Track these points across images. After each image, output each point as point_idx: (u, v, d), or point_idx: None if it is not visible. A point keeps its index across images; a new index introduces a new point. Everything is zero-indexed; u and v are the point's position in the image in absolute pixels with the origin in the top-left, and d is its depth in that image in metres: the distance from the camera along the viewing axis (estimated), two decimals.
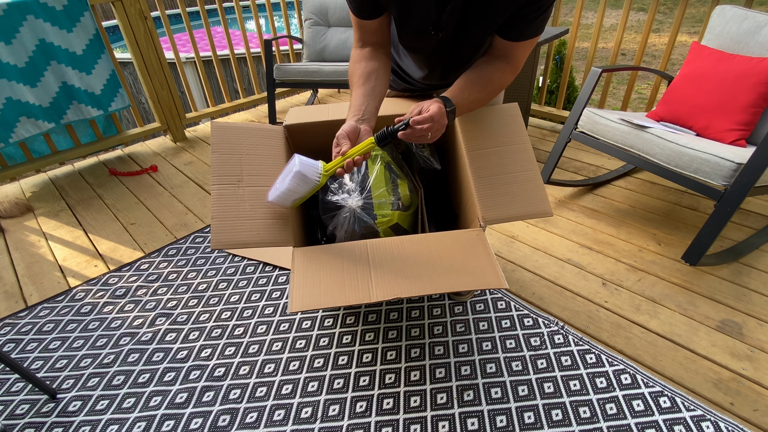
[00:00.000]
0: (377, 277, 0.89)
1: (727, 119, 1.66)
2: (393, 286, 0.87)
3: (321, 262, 0.93)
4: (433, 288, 0.87)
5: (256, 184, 1.03)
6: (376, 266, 0.91)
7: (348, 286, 0.88)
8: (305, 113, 1.24)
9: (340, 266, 0.92)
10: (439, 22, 0.94)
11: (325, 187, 1.12)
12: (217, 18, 7.44)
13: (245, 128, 1.11)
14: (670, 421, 1.06)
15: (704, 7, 8.09)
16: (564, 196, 2.01)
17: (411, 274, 0.89)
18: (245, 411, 1.13)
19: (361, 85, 1.00)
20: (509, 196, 1.03)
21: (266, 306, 1.46)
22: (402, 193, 1.10)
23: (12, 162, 2.27)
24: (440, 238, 0.98)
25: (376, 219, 1.04)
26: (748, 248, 1.63)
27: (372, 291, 0.86)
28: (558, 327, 1.33)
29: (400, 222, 1.09)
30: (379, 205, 1.05)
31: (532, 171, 1.06)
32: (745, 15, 1.74)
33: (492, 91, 1.00)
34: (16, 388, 1.22)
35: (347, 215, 1.05)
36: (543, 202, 1.02)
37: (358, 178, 1.09)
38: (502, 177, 1.06)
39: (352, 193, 1.06)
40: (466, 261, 0.92)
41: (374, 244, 0.97)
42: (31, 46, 2.05)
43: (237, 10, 2.90)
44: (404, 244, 0.97)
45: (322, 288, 0.87)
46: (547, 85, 2.85)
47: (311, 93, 3.38)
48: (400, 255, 0.94)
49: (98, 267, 1.70)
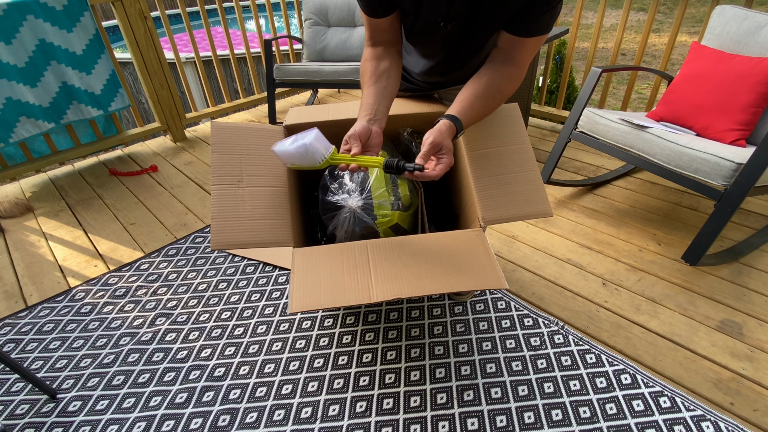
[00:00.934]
0: (377, 278, 0.89)
1: (727, 119, 1.66)
2: (393, 287, 0.87)
3: (321, 263, 0.93)
4: (433, 288, 0.87)
5: (256, 185, 1.03)
6: (376, 266, 0.91)
7: (348, 286, 0.88)
8: (305, 113, 1.24)
9: (340, 266, 0.92)
10: (449, 13, 0.94)
11: (325, 187, 1.13)
12: (217, 18, 7.44)
13: (245, 128, 1.11)
14: (670, 421, 1.06)
15: (704, 7, 8.09)
16: (564, 196, 2.01)
17: (411, 274, 0.89)
18: (245, 411, 1.13)
19: (372, 84, 1.00)
20: (509, 197, 1.03)
21: (266, 306, 1.46)
22: (402, 193, 1.10)
23: (12, 162, 2.27)
24: (440, 238, 0.98)
25: (376, 219, 1.04)
26: (748, 248, 1.63)
27: (372, 291, 0.86)
28: (558, 327, 1.33)
29: (400, 222, 1.09)
30: (379, 205, 1.05)
31: (532, 171, 1.06)
32: (745, 15, 1.74)
33: (500, 101, 1.01)
34: (16, 388, 1.22)
35: (347, 215, 1.05)
36: (543, 202, 1.02)
37: (358, 179, 1.09)
38: (502, 177, 1.06)
39: (352, 193, 1.06)
40: (467, 261, 0.92)
41: (374, 244, 0.97)
42: (31, 46, 2.05)
43: (237, 10, 2.90)
44: (404, 244, 0.96)
45: (323, 288, 0.88)
46: (547, 85, 2.85)
47: (311, 93, 3.38)
48: (401, 255, 0.94)
49: (98, 267, 1.70)
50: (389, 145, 1.21)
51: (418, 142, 1.20)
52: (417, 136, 1.21)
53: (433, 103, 1.27)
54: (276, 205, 1.02)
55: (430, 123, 1.24)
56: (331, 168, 1.17)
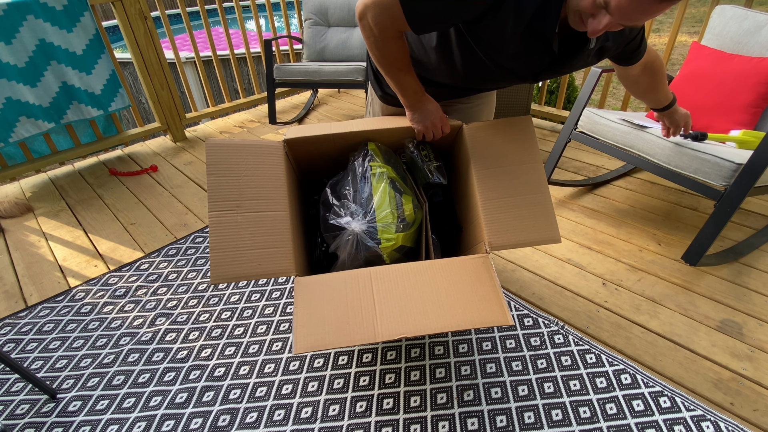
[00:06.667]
0: (382, 313, 0.87)
1: (727, 119, 1.66)
2: (398, 324, 0.85)
3: (324, 295, 0.91)
4: (438, 327, 0.85)
5: (256, 209, 0.99)
6: (381, 300, 0.89)
7: (353, 323, 0.86)
8: (306, 130, 1.18)
9: (344, 300, 0.90)
10: (539, 75, 0.96)
11: (327, 203, 1.09)
12: (217, 18, 7.44)
13: (243, 146, 1.05)
14: (670, 421, 1.06)
15: (704, 7, 8.08)
16: (564, 196, 2.01)
17: (415, 310, 0.88)
18: (245, 411, 1.13)
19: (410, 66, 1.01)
20: (517, 221, 1.00)
21: (266, 306, 1.46)
22: (407, 212, 1.07)
23: (12, 162, 2.27)
24: (445, 266, 0.95)
25: (380, 244, 1.01)
26: (748, 248, 1.63)
27: (377, 329, 0.85)
28: (558, 327, 1.33)
29: (404, 243, 1.05)
30: (383, 229, 1.02)
31: (542, 194, 1.03)
32: (745, 15, 1.74)
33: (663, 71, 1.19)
34: (16, 388, 1.22)
35: (350, 238, 1.01)
36: (552, 228, 1.00)
37: (361, 199, 1.05)
38: (510, 200, 1.02)
39: (355, 215, 1.02)
40: (472, 294, 0.90)
41: (378, 273, 0.94)
42: (31, 46, 2.05)
43: (237, 10, 2.90)
44: (409, 274, 0.94)
45: (327, 326, 0.86)
46: (547, 85, 2.85)
47: (311, 93, 3.38)
48: (405, 287, 0.91)
49: (98, 267, 1.70)
50: (393, 156, 1.18)
51: (424, 154, 1.18)
52: (423, 148, 1.18)
53: None
54: (277, 232, 0.98)
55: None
56: (332, 182, 1.14)
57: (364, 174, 1.08)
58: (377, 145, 1.18)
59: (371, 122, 1.19)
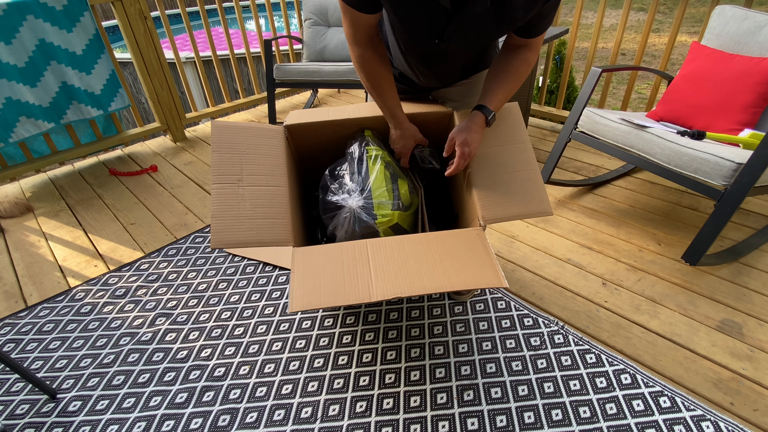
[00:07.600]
0: (377, 277, 0.89)
1: (727, 119, 1.66)
2: (393, 286, 0.87)
3: (321, 262, 0.93)
4: (433, 287, 0.87)
5: (257, 184, 1.03)
6: (377, 266, 0.91)
7: (348, 285, 0.88)
8: (306, 115, 1.24)
9: (341, 266, 0.92)
10: (443, 34, 0.95)
11: (325, 187, 1.12)
12: (217, 18, 7.44)
13: (246, 128, 1.11)
14: (670, 421, 1.06)
15: (704, 7, 8.09)
16: (564, 196, 2.01)
17: (411, 273, 0.89)
18: (245, 411, 1.13)
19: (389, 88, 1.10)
20: (509, 196, 1.03)
21: (266, 306, 1.46)
22: (402, 192, 1.10)
23: (12, 162, 2.27)
24: (440, 237, 0.98)
25: (376, 219, 1.04)
26: (748, 248, 1.63)
27: (372, 290, 0.86)
28: (558, 327, 1.33)
29: (400, 222, 1.08)
30: (379, 205, 1.05)
31: (532, 170, 1.06)
32: (745, 15, 1.74)
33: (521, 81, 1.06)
34: (16, 388, 1.22)
35: (347, 215, 1.05)
36: (543, 201, 1.02)
37: (358, 178, 1.09)
38: (501, 176, 1.06)
39: (352, 193, 1.06)
40: (467, 260, 0.92)
41: (374, 243, 0.96)
42: (31, 46, 2.05)
43: (237, 10, 2.90)
44: (404, 243, 0.96)
45: (323, 288, 0.87)
46: (547, 85, 2.85)
47: (311, 93, 3.38)
48: (400, 254, 0.94)
49: (98, 267, 1.70)
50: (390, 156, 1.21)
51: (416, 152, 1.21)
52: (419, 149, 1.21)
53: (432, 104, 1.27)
54: (276, 205, 1.02)
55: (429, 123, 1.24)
56: (331, 168, 1.17)
57: (361, 157, 1.13)
58: (374, 132, 1.22)
59: (368, 108, 1.24)
